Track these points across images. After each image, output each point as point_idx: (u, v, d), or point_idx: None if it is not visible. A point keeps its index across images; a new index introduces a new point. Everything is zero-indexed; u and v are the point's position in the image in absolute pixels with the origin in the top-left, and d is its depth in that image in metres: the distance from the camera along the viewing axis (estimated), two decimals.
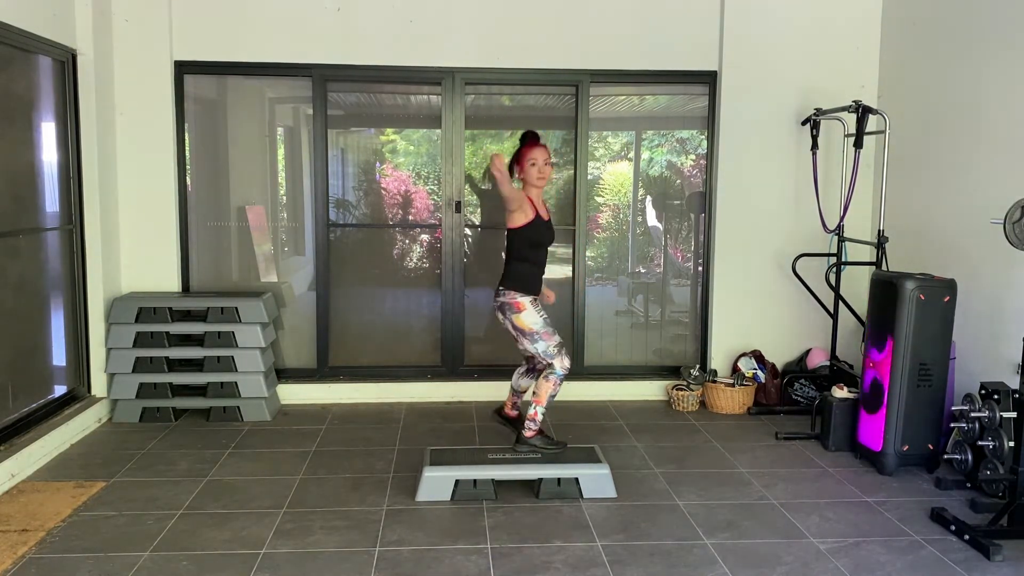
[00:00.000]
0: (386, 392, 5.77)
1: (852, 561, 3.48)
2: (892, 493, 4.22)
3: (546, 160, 4.19)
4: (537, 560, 3.46)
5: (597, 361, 6.08)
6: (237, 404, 5.31)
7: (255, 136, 5.95)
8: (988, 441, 4.03)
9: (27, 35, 4.56)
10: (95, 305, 5.25)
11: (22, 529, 3.67)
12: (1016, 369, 4.08)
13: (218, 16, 5.53)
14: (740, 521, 3.87)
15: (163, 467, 4.48)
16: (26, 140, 4.74)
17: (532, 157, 4.16)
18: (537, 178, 4.18)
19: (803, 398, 5.66)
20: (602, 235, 6.15)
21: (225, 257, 5.88)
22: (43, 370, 4.98)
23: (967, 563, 3.46)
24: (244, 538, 3.63)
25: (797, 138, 5.78)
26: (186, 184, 5.72)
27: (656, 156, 6.18)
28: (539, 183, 4.20)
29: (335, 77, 5.71)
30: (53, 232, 5.00)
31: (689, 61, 5.78)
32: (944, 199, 5.01)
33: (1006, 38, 4.51)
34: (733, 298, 5.89)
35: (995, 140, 4.58)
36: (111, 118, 5.40)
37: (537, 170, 4.16)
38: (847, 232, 5.51)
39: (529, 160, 4.16)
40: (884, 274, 4.61)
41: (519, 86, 5.96)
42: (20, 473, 4.27)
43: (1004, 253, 4.33)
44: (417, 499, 4.04)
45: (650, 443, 4.96)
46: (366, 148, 6.09)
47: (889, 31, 5.68)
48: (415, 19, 5.62)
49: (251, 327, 5.29)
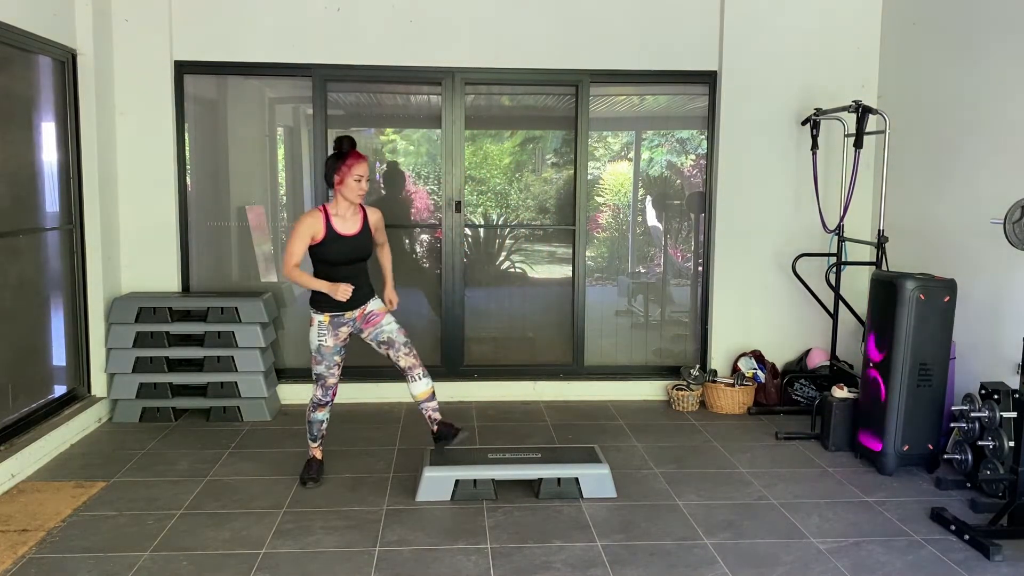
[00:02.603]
0: (386, 392, 5.77)
1: (852, 561, 3.48)
2: (892, 493, 4.22)
3: (367, 175, 4.01)
4: (537, 560, 3.46)
5: (597, 361, 6.08)
6: (237, 404, 5.31)
7: (255, 136, 5.95)
8: (988, 441, 4.03)
9: (27, 35, 4.56)
10: (95, 305, 5.25)
11: (22, 529, 3.67)
12: (1016, 369, 4.08)
13: (218, 16, 5.53)
14: (740, 521, 3.87)
15: (163, 467, 4.48)
16: (26, 140, 4.74)
17: (358, 173, 3.98)
18: (357, 194, 4.02)
19: (803, 398, 5.66)
20: (602, 235, 6.15)
21: (225, 257, 5.88)
22: (43, 370, 4.98)
23: (967, 563, 3.46)
24: (244, 538, 3.63)
25: (797, 138, 5.78)
26: (186, 184, 5.72)
27: (656, 156, 6.18)
28: (358, 199, 4.04)
29: (335, 77, 5.71)
30: (53, 232, 5.00)
31: (689, 61, 5.78)
32: (944, 199, 5.01)
33: (1006, 38, 4.50)
34: (733, 298, 5.89)
35: (995, 140, 4.58)
36: (111, 118, 5.40)
37: (360, 185, 3.99)
38: (847, 232, 5.51)
39: (354, 175, 3.98)
40: (884, 274, 4.61)
41: (519, 86, 5.96)
42: (20, 473, 4.27)
43: (1004, 253, 4.33)
44: (417, 499, 4.04)
45: (650, 443, 4.96)
46: (366, 148, 6.09)
47: (889, 31, 5.68)
48: (415, 19, 5.62)
49: (251, 327, 5.29)
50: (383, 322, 4.18)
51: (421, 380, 4.20)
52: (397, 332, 4.18)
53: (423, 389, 4.22)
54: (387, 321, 4.19)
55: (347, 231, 4.05)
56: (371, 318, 4.18)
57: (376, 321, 4.18)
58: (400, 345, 4.17)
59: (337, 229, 4.02)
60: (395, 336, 4.17)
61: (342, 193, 4.02)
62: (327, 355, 4.12)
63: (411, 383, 4.22)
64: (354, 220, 4.09)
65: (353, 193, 4.00)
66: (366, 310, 4.17)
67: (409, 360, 4.18)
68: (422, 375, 4.21)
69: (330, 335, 4.11)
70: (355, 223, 4.09)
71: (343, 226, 4.04)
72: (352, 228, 4.07)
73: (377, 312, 4.19)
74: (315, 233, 3.99)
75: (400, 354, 4.18)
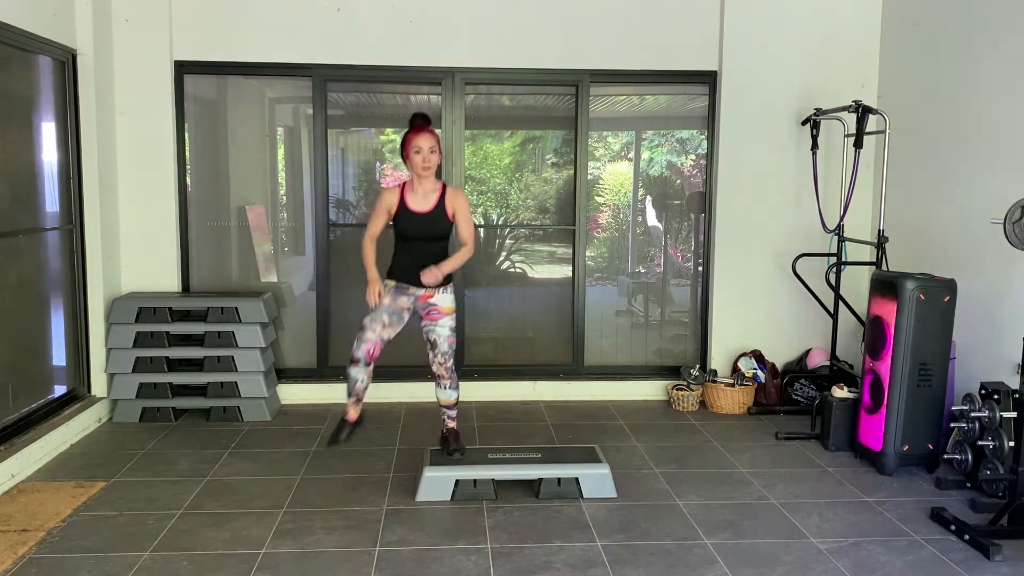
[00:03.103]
0: (386, 392, 5.76)
1: (852, 561, 3.48)
2: (892, 493, 4.22)
3: (431, 147, 4.00)
4: (537, 560, 3.46)
5: (597, 361, 6.08)
6: (237, 404, 5.31)
7: (255, 136, 5.95)
8: (988, 441, 4.03)
9: (27, 35, 4.56)
10: (95, 305, 5.25)
11: (22, 529, 3.67)
12: (1016, 369, 4.08)
13: (218, 16, 5.53)
14: (740, 521, 3.87)
15: (163, 467, 4.48)
16: (26, 140, 4.74)
17: (417, 145, 4.00)
18: (420, 167, 4.01)
19: (803, 398, 5.66)
20: (602, 235, 6.15)
21: (225, 257, 5.88)
22: (43, 370, 4.98)
23: (967, 563, 3.46)
24: (244, 538, 3.63)
25: (797, 138, 5.78)
26: (186, 184, 5.72)
27: (656, 156, 6.18)
28: (423, 172, 4.02)
29: (335, 77, 5.71)
30: (53, 232, 5.00)
31: (689, 61, 5.78)
32: (944, 199, 5.01)
33: (1006, 38, 4.50)
34: (733, 298, 5.89)
35: (995, 140, 4.58)
36: (111, 118, 5.40)
37: (422, 158, 3.99)
38: (847, 232, 5.51)
39: (413, 148, 4.00)
40: (884, 274, 4.61)
41: (519, 86, 5.96)
42: (20, 473, 4.27)
43: (1004, 253, 4.33)
44: (417, 499, 4.04)
45: (650, 443, 4.96)
46: (366, 148, 6.09)
47: (889, 31, 5.68)
48: (415, 19, 5.62)
49: (251, 327, 5.29)
50: (439, 323, 4.16)
51: (447, 390, 4.28)
52: (444, 340, 4.18)
53: (446, 398, 4.31)
54: (442, 324, 4.16)
55: (419, 208, 4.06)
56: (431, 312, 4.16)
57: (434, 318, 4.16)
58: (440, 353, 4.19)
59: (409, 204, 4.06)
60: (441, 343, 4.18)
61: (409, 168, 4.07)
62: (376, 309, 4.09)
63: (438, 389, 4.30)
64: (429, 198, 4.08)
65: (416, 167, 4.01)
66: (431, 299, 4.14)
67: (440, 370, 4.23)
68: (448, 385, 4.27)
69: (388, 294, 4.12)
70: (429, 201, 4.07)
71: (415, 202, 4.07)
72: (425, 206, 4.06)
73: (439, 310, 4.15)
74: (390, 207, 4.07)
75: (437, 360, 4.21)
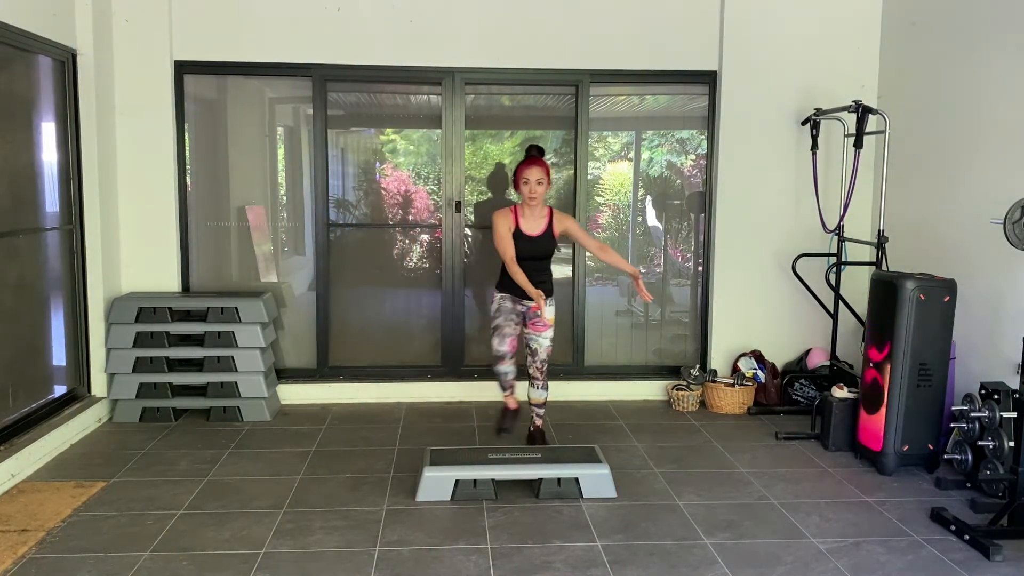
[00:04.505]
0: (386, 392, 5.77)
1: (852, 561, 3.48)
2: (892, 493, 4.22)
3: (538, 179, 4.44)
4: (537, 560, 3.46)
5: (597, 361, 6.08)
6: (237, 404, 5.31)
7: (255, 136, 5.95)
8: (988, 441, 4.03)
9: (27, 35, 4.56)
10: (95, 305, 5.25)
11: (22, 529, 3.67)
12: (1016, 369, 4.08)
13: (218, 16, 5.53)
14: (740, 521, 3.87)
15: (163, 467, 4.48)
16: (26, 140, 4.74)
17: (525, 177, 4.45)
18: (526, 197, 4.45)
19: (803, 398, 5.66)
20: (602, 235, 6.15)
21: (225, 257, 5.88)
22: (43, 370, 4.98)
23: (967, 563, 3.46)
24: (244, 538, 3.63)
25: (797, 138, 5.78)
26: (186, 184, 5.72)
27: (656, 156, 6.18)
28: (530, 201, 4.46)
29: (335, 77, 5.71)
30: (53, 232, 5.00)
31: (689, 61, 5.78)
32: (944, 199, 5.01)
33: (1006, 38, 4.51)
34: (733, 298, 5.89)
35: (995, 140, 4.58)
36: (111, 118, 5.40)
37: (529, 188, 4.43)
38: (847, 232, 5.51)
39: (522, 179, 4.46)
40: (884, 274, 4.61)
41: (519, 86, 5.96)
42: (20, 473, 4.27)
43: (1004, 253, 4.33)
44: (417, 499, 4.04)
45: (650, 443, 4.96)
46: (366, 148, 6.09)
47: (889, 31, 5.68)
48: (415, 19, 5.62)
49: (251, 327, 5.30)
50: (543, 335, 4.59)
51: (539, 390, 4.70)
52: (544, 350, 4.61)
53: (538, 397, 4.72)
54: (545, 336, 4.59)
55: (531, 231, 4.52)
56: (536, 323, 4.56)
57: (539, 330, 4.58)
58: (540, 360, 4.62)
59: (523, 228, 4.50)
60: (541, 352, 4.61)
61: (519, 195, 4.55)
62: (505, 310, 4.56)
63: (531, 389, 4.70)
64: (540, 223, 4.54)
65: (524, 196, 4.47)
66: (539, 310, 4.50)
67: (537, 373, 4.65)
68: (541, 386, 4.69)
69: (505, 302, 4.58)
70: (540, 226, 4.53)
71: (528, 226, 4.52)
72: (536, 230, 4.53)
73: (545, 322, 4.55)
74: (510, 229, 4.48)
75: (535, 366, 4.64)
